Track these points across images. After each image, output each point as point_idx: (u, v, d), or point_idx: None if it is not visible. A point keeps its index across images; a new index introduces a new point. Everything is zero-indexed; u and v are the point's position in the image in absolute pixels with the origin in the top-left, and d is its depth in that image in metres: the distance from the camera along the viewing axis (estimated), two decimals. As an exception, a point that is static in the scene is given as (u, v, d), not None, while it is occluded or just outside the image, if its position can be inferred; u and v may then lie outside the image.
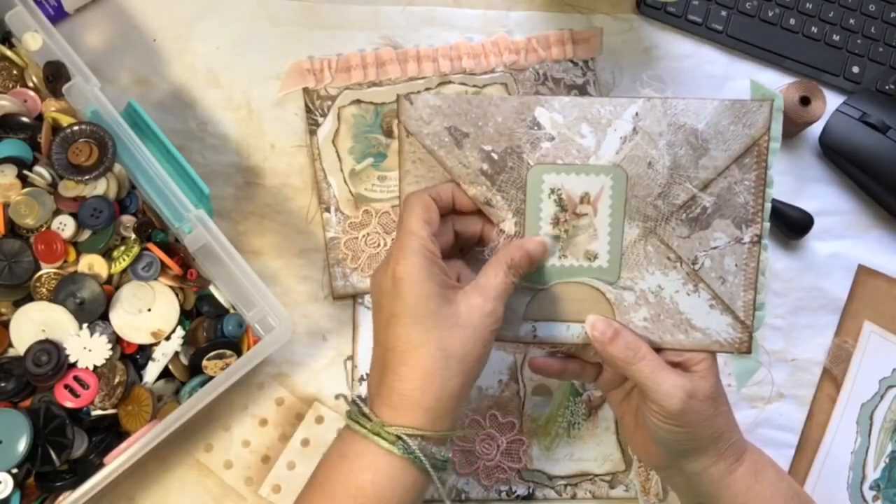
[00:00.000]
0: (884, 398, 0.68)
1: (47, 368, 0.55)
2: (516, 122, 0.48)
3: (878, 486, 0.67)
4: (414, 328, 0.43)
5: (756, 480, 0.50)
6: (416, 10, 0.72)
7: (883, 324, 0.70)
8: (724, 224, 0.48)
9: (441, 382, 0.43)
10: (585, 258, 0.49)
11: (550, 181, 0.48)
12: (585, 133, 0.48)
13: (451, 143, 0.48)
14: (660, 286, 0.49)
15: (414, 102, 0.48)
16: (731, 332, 0.49)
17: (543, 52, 0.72)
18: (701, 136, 0.47)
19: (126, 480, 0.61)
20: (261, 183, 0.67)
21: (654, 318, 0.49)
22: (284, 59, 0.69)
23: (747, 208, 0.48)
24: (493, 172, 0.48)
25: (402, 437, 0.42)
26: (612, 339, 0.48)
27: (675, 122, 0.47)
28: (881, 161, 0.71)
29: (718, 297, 0.49)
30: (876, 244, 0.73)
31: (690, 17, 0.75)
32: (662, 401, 0.47)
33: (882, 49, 0.76)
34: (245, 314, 0.60)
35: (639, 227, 0.48)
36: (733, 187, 0.48)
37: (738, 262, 0.48)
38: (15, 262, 0.56)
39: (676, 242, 0.48)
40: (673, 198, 0.48)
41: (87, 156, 0.57)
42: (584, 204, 0.48)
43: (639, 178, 0.48)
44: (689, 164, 0.47)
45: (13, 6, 0.59)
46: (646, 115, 0.47)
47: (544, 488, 0.65)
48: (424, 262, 0.44)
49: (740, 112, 0.47)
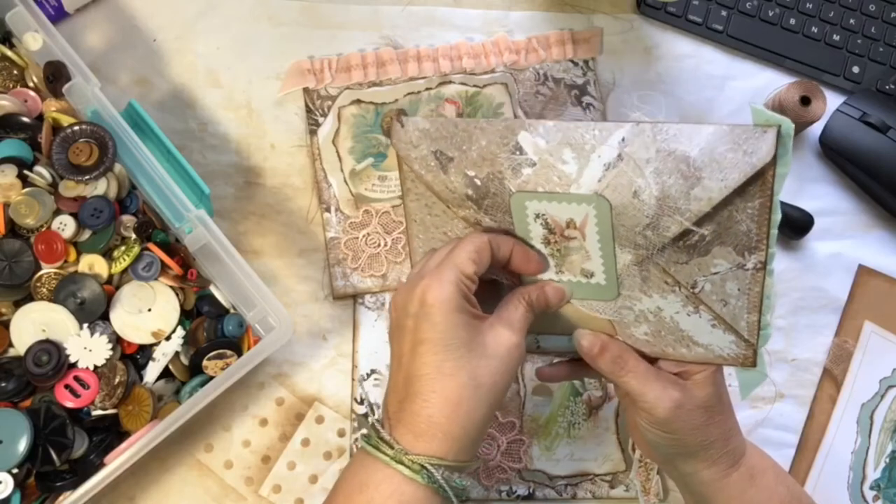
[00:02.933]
0: (884, 398, 0.68)
1: (48, 368, 0.55)
2: (499, 146, 0.46)
3: (879, 486, 0.67)
4: (445, 356, 0.43)
5: (752, 485, 0.50)
6: (416, 10, 0.72)
7: (883, 324, 0.70)
8: (725, 251, 0.44)
9: (469, 412, 0.43)
10: (582, 275, 0.49)
11: (533, 207, 0.47)
12: (567, 159, 0.45)
13: (437, 168, 0.48)
14: (659, 308, 0.47)
15: (405, 125, 0.48)
16: (734, 348, 0.47)
17: (544, 52, 0.72)
18: (693, 164, 0.42)
19: (126, 480, 0.61)
20: (261, 183, 0.67)
21: (654, 334, 0.49)
22: (284, 59, 0.69)
23: (750, 236, 0.43)
24: (478, 197, 0.48)
25: (426, 466, 0.42)
26: (600, 353, 0.49)
27: (665, 147, 0.42)
28: (881, 161, 0.71)
29: (720, 318, 0.46)
30: (876, 244, 0.73)
31: (691, 17, 0.75)
32: (649, 409, 0.47)
33: (882, 49, 0.76)
34: (245, 314, 0.60)
35: (631, 253, 0.46)
36: (734, 215, 0.43)
37: (740, 287, 0.45)
38: (15, 262, 0.56)
39: (674, 268, 0.45)
40: (663, 230, 0.44)
41: (88, 156, 0.57)
42: (572, 228, 0.47)
43: (624, 207, 0.44)
44: (680, 194, 0.43)
45: (13, 6, 0.59)
46: (633, 141, 0.43)
47: (545, 488, 0.65)
48: (459, 293, 0.44)
49: (740, 138, 0.41)
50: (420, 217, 0.50)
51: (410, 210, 0.50)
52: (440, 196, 0.49)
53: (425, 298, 0.44)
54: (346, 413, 0.64)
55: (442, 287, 0.44)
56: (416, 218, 0.51)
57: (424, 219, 0.50)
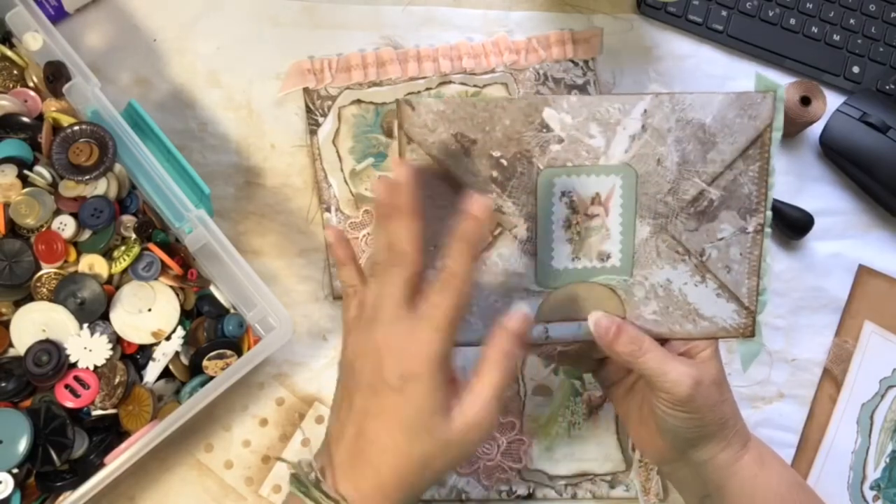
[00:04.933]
0: (884, 398, 0.68)
1: (48, 368, 0.55)
2: (524, 124, 0.47)
3: (879, 486, 0.67)
4: (404, 437, 0.41)
5: (762, 468, 0.51)
6: (416, 10, 0.72)
7: (883, 324, 0.70)
8: (730, 215, 0.48)
9: (410, 489, 0.42)
10: (598, 259, 0.49)
11: (561, 184, 0.48)
12: (595, 133, 0.47)
13: (459, 152, 0.47)
14: (668, 280, 0.49)
15: (416, 108, 0.46)
16: (736, 318, 0.50)
17: (544, 52, 0.72)
18: (708, 130, 0.47)
19: (126, 480, 0.61)
20: (261, 183, 0.67)
21: (663, 311, 0.49)
22: (285, 59, 0.69)
23: (751, 199, 0.48)
24: (504, 179, 0.47)
25: None
26: (616, 335, 0.48)
27: (684, 117, 0.47)
28: (881, 161, 0.71)
29: (724, 286, 0.49)
30: (876, 244, 0.73)
31: (691, 16, 0.75)
32: (671, 388, 0.47)
33: (882, 49, 0.76)
34: (245, 314, 0.60)
35: (650, 224, 0.48)
36: (738, 178, 0.48)
37: (742, 252, 0.49)
38: (15, 262, 0.56)
39: (685, 236, 0.49)
40: (682, 193, 0.48)
41: (88, 156, 0.57)
42: (596, 205, 0.48)
43: (648, 175, 0.48)
44: (698, 158, 0.48)
45: (13, 6, 0.59)
46: (654, 112, 0.47)
47: (545, 488, 0.65)
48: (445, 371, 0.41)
49: (745, 104, 0.47)
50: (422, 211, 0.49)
51: None
52: (460, 181, 0.47)
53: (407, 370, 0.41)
54: (346, 413, 0.64)
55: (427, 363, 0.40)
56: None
57: (427, 212, 0.48)
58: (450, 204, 0.46)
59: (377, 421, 0.42)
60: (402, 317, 0.42)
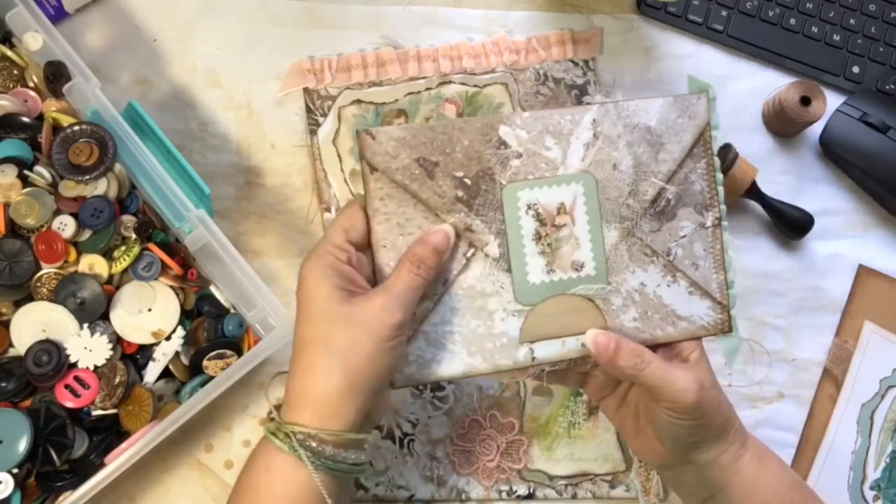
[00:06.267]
0: (884, 398, 0.68)
1: (48, 368, 0.55)
2: (483, 143, 0.48)
3: (879, 486, 0.67)
4: (304, 326, 0.45)
5: (761, 466, 0.51)
6: (416, 10, 0.72)
7: (883, 324, 0.70)
8: (688, 212, 0.51)
9: (322, 379, 0.43)
10: (573, 269, 0.50)
11: (525, 197, 0.49)
12: (550, 145, 0.49)
13: (423, 175, 0.48)
14: (642, 283, 0.50)
15: (377, 136, 0.48)
16: (711, 314, 0.51)
17: (544, 52, 0.72)
18: (655, 132, 0.50)
19: (126, 480, 0.60)
20: (261, 183, 0.67)
21: (642, 317, 0.50)
22: (285, 59, 0.69)
23: (704, 194, 0.51)
24: (469, 198, 0.48)
25: (289, 435, 0.43)
26: (617, 350, 0.48)
27: (630, 122, 0.50)
28: (881, 161, 0.71)
29: (695, 283, 0.51)
30: (876, 244, 0.73)
31: (691, 17, 0.75)
32: (678, 397, 0.47)
33: (882, 49, 0.76)
34: (245, 314, 0.60)
35: (616, 228, 0.50)
36: (689, 176, 0.51)
37: (705, 247, 0.51)
38: (15, 262, 0.56)
39: (650, 238, 0.50)
40: (642, 194, 0.50)
41: (88, 156, 0.57)
42: (562, 214, 0.49)
43: (607, 180, 0.50)
44: (650, 159, 0.50)
45: (14, 6, 0.59)
46: (602, 121, 0.49)
47: (545, 488, 0.65)
48: (325, 265, 0.45)
49: (683, 106, 0.50)
50: (391, 240, 0.48)
51: (379, 234, 0.48)
52: (427, 204, 0.48)
53: (299, 274, 0.46)
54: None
55: (309, 261, 0.46)
56: (385, 243, 0.48)
57: (396, 240, 0.48)
58: (417, 230, 0.48)
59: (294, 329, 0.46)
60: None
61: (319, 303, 0.44)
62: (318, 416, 0.43)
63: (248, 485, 0.45)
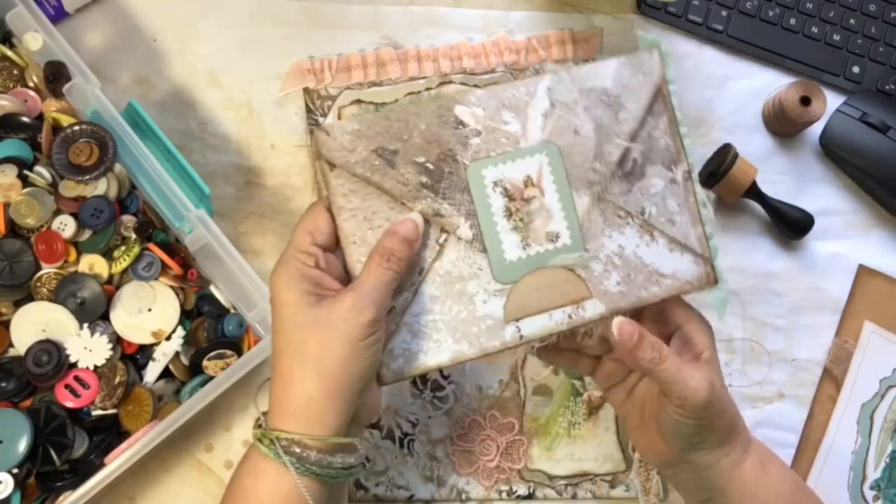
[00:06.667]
0: (884, 398, 0.68)
1: (48, 368, 0.55)
2: (440, 125, 0.48)
3: (879, 486, 0.67)
4: (278, 335, 0.44)
5: (763, 472, 0.50)
6: (416, 10, 0.72)
7: (883, 324, 0.70)
8: (657, 170, 0.50)
9: (299, 388, 0.43)
10: (548, 240, 0.49)
11: (490, 174, 0.48)
12: (508, 119, 0.48)
13: (384, 165, 0.47)
14: (620, 246, 0.49)
15: (331, 132, 0.47)
16: (694, 268, 0.50)
17: (544, 51, 0.72)
18: (612, 94, 0.49)
19: (126, 480, 0.60)
20: (261, 183, 0.67)
21: (625, 280, 0.49)
22: (285, 59, 0.69)
23: (669, 150, 0.50)
24: (434, 182, 0.48)
25: (274, 441, 0.43)
26: (639, 341, 0.47)
27: (585, 86, 0.49)
28: (881, 161, 0.71)
29: (674, 239, 0.50)
30: (876, 244, 0.73)
31: (691, 17, 0.75)
32: (690, 395, 0.47)
33: (882, 49, 0.76)
34: (245, 314, 0.60)
35: (587, 194, 0.49)
36: (652, 134, 0.50)
37: (679, 202, 0.50)
38: (15, 262, 0.56)
39: (622, 199, 0.50)
40: (608, 156, 0.49)
41: (88, 156, 0.57)
42: (530, 187, 0.48)
43: (570, 147, 0.49)
44: (611, 121, 0.49)
45: (14, 6, 0.59)
46: (557, 88, 0.49)
47: (545, 488, 0.65)
48: (292, 271, 0.44)
49: (637, 63, 0.50)
50: (360, 235, 0.47)
51: (346, 231, 0.47)
52: (392, 193, 0.47)
53: (269, 281, 0.45)
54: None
55: (276, 269, 0.45)
56: (354, 239, 0.47)
57: (365, 235, 0.47)
58: (385, 222, 0.48)
59: (272, 338, 0.45)
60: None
61: (289, 309, 0.44)
62: (299, 423, 0.43)
63: (236, 489, 0.45)
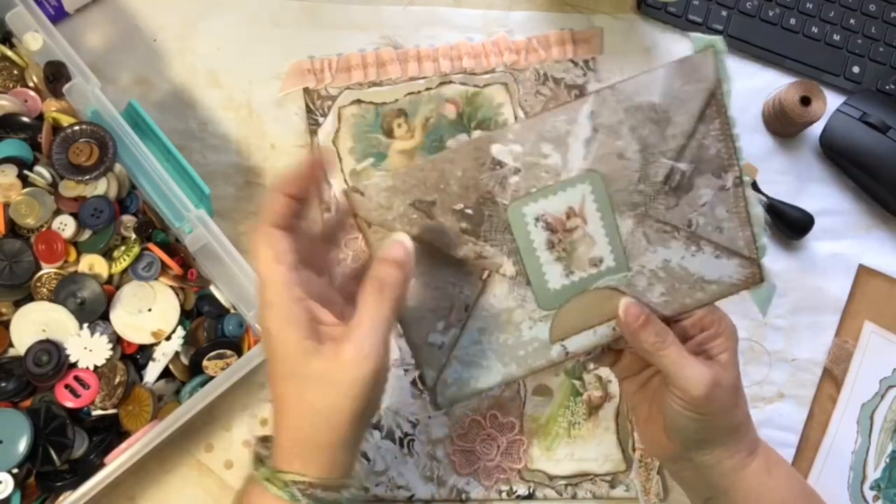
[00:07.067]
0: (884, 398, 0.68)
1: (48, 368, 0.55)
2: (477, 168, 0.46)
3: (879, 486, 0.67)
4: (282, 384, 0.42)
5: (768, 476, 0.50)
6: (416, 10, 0.72)
7: (883, 324, 0.70)
8: (706, 180, 0.48)
9: (308, 438, 0.42)
10: (592, 266, 0.48)
11: (532, 212, 0.47)
12: (548, 152, 0.46)
13: (422, 217, 0.46)
14: (665, 260, 0.49)
15: (365, 192, 0.45)
16: (741, 270, 0.49)
17: (544, 51, 0.72)
18: (660, 108, 0.46)
19: (126, 480, 0.60)
20: (261, 183, 0.67)
21: (669, 291, 0.49)
22: (285, 59, 0.69)
23: (721, 156, 0.48)
24: (474, 226, 0.47)
25: (289, 484, 0.41)
26: (644, 324, 0.47)
27: (632, 104, 0.46)
28: (881, 161, 0.71)
29: (721, 246, 0.49)
30: (876, 244, 0.73)
31: (691, 17, 0.75)
32: (686, 386, 0.47)
33: (882, 49, 0.76)
34: (245, 314, 0.60)
35: (631, 216, 0.48)
36: (703, 142, 0.47)
37: (728, 208, 0.48)
38: (15, 262, 0.56)
39: (668, 215, 0.48)
40: (653, 177, 0.47)
41: (88, 156, 0.57)
42: (572, 218, 0.47)
43: (614, 172, 0.47)
44: (657, 139, 0.47)
45: (14, 6, 0.59)
46: (601, 111, 0.46)
47: (545, 488, 0.65)
48: (286, 314, 0.41)
49: (689, 70, 0.46)
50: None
51: None
52: (432, 244, 0.47)
53: (262, 326, 0.43)
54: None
55: (265, 310, 0.42)
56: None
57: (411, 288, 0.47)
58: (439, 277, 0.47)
59: (270, 382, 0.43)
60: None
61: (291, 361, 0.42)
62: (313, 467, 0.42)
63: None
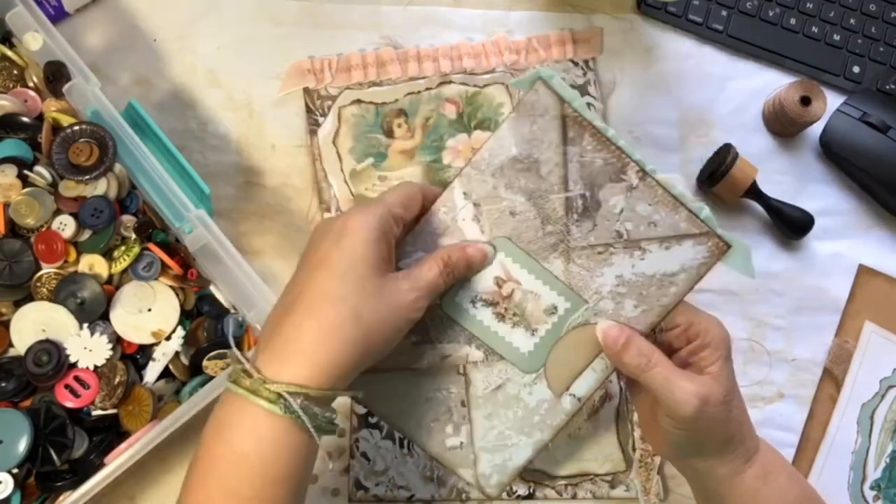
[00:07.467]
0: (884, 398, 0.68)
1: (48, 368, 0.55)
2: None
3: (879, 486, 0.67)
4: (337, 282, 0.41)
5: (765, 483, 0.49)
6: (416, 10, 0.72)
7: (883, 324, 0.70)
8: (608, 190, 0.47)
9: (341, 343, 0.40)
10: (549, 315, 0.49)
11: (464, 298, 0.49)
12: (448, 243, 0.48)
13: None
14: (617, 276, 0.48)
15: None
16: (699, 248, 0.47)
17: (544, 52, 0.72)
18: (522, 157, 0.47)
19: (126, 480, 0.60)
20: (261, 183, 0.67)
21: (640, 300, 0.48)
22: (285, 59, 0.69)
23: (609, 163, 0.47)
24: (423, 335, 0.49)
25: (283, 395, 0.39)
26: (625, 345, 0.47)
27: (495, 168, 0.47)
28: (881, 161, 0.71)
29: (665, 237, 0.47)
30: (876, 244, 0.73)
31: (691, 16, 0.75)
32: (675, 407, 0.46)
33: (882, 49, 0.76)
34: (245, 314, 0.60)
35: (556, 257, 0.48)
36: (582, 161, 0.47)
37: (648, 202, 0.47)
38: (15, 262, 0.56)
39: (592, 238, 0.48)
40: (554, 215, 0.48)
41: (88, 156, 0.57)
42: (504, 285, 0.49)
43: (516, 229, 0.48)
44: (537, 183, 0.47)
45: (14, 6, 0.59)
46: (471, 188, 0.48)
47: (545, 488, 0.65)
48: (379, 229, 0.43)
49: (528, 111, 0.46)
50: None
51: None
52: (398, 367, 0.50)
53: (346, 224, 0.43)
54: (346, 412, 0.64)
55: (364, 217, 0.43)
56: None
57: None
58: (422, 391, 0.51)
59: (311, 277, 0.43)
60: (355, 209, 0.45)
61: (362, 264, 0.42)
62: (318, 377, 0.40)
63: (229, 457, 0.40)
